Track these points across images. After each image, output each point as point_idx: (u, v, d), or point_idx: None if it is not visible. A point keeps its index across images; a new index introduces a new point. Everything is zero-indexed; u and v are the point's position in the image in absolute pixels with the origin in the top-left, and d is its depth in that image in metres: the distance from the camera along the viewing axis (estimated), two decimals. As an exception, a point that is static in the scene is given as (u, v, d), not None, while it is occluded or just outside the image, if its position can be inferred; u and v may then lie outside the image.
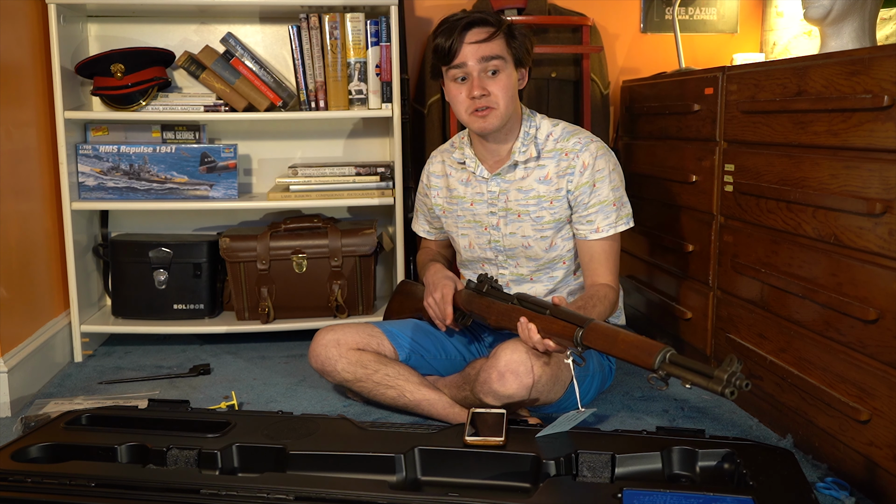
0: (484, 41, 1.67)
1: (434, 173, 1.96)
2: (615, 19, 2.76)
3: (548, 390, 1.62)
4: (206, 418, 1.60)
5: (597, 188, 1.74)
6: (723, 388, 1.20)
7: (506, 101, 1.70)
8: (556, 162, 1.77)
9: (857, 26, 1.79)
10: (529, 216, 1.80)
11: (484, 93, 1.68)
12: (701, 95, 2.01)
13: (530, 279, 1.86)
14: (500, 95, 1.69)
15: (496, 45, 1.68)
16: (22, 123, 2.12)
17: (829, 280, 1.52)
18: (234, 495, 1.29)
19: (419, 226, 2.09)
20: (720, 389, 1.20)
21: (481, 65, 1.68)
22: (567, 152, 1.76)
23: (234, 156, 2.41)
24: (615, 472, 1.37)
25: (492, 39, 1.67)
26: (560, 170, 1.77)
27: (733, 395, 1.20)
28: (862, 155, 1.43)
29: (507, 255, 1.86)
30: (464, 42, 1.67)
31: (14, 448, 1.46)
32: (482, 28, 1.68)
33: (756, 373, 1.80)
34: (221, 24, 2.52)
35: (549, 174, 1.78)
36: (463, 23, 1.67)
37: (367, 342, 1.83)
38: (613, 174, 1.77)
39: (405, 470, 1.43)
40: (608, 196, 1.75)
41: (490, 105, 1.69)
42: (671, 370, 1.30)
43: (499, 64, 1.68)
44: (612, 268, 1.79)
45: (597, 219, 1.75)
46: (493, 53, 1.67)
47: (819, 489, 1.46)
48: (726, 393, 1.20)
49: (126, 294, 2.42)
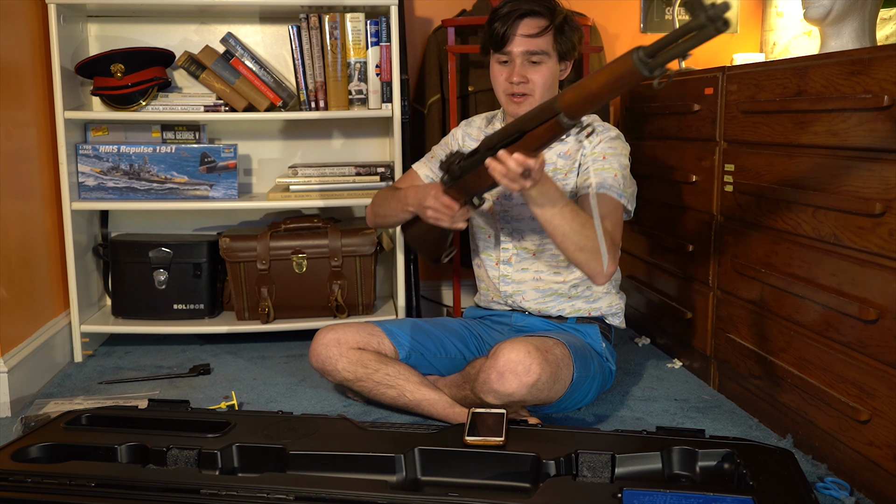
0: (534, 35, 1.71)
1: (470, 135, 1.97)
2: (615, 19, 2.76)
3: (548, 388, 1.62)
4: (206, 418, 1.60)
5: (606, 160, 1.75)
6: (708, 21, 1.08)
7: (542, 91, 1.74)
8: (577, 138, 1.80)
9: (857, 26, 1.79)
10: None
11: (523, 80, 1.73)
12: (701, 95, 2.01)
13: (533, 255, 1.87)
14: (539, 84, 1.73)
15: (544, 40, 1.72)
16: (22, 123, 2.12)
17: (829, 280, 1.52)
18: (234, 495, 1.29)
19: (422, 166, 1.97)
20: (706, 22, 1.08)
21: (525, 56, 1.72)
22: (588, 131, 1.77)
23: (234, 156, 2.41)
24: (615, 472, 1.37)
25: (542, 35, 1.71)
26: (579, 146, 1.80)
27: (725, 24, 1.07)
28: (862, 155, 1.43)
29: (513, 228, 1.87)
30: (516, 33, 1.71)
31: (14, 448, 1.46)
32: (535, 20, 1.71)
33: (756, 373, 1.80)
34: (221, 24, 2.52)
35: (569, 150, 1.82)
36: (519, 12, 1.71)
37: (368, 341, 1.84)
38: (624, 158, 1.78)
39: (405, 470, 1.43)
40: (613, 167, 1.74)
41: (526, 92, 1.74)
42: (657, 60, 1.18)
43: (542, 58, 1.72)
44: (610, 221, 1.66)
45: (592, 177, 1.73)
46: (538, 48, 1.71)
47: (819, 489, 1.46)
48: (718, 25, 1.07)
49: (126, 294, 2.42)
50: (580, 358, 1.72)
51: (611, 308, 1.91)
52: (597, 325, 1.88)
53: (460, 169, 1.57)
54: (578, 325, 1.87)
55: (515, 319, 1.92)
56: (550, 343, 1.67)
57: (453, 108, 2.48)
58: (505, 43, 1.72)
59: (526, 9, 1.71)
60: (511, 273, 1.89)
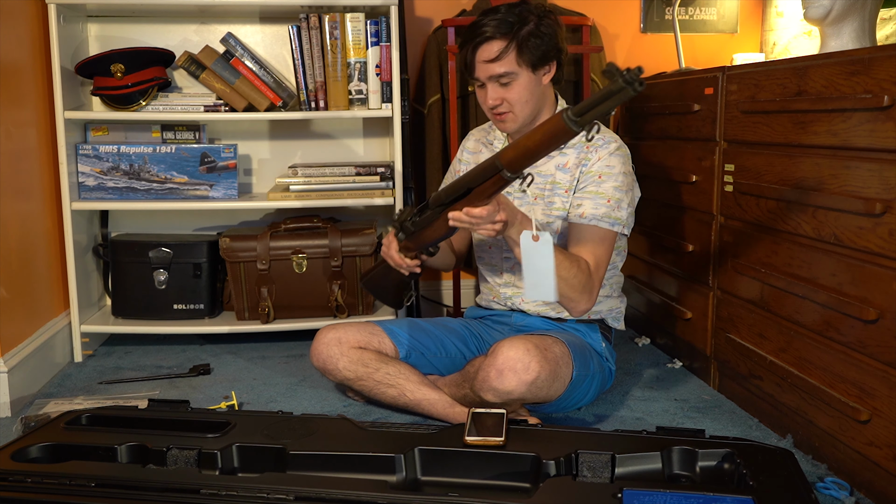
0: (493, 60, 1.70)
1: (468, 149, 2.01)
2: (615, 19, 2.76)
3: (547, 386, 1.63)
4: (206, 418, 1.60)
5: (601, 180, 1.74)
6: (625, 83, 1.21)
7: (520, 106, 1.74)
8: (578, 153, 1.79)
9: (857, 26, 1.79)
10: (543, 200, 1.81)
11: (497, 102, 1.73)
12: (701, 95, 2.01)
13: None
14: (514, 101, 1.73)
15: (506, 62, 1.70)
16: (22, 123, 2.12)
17: (829, 280, 1.52)
18: (234, 495, 1.29)
19: None
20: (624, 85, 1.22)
21: (493, 79, 1.72)
22: (589, 145, 1.77)
23: (234, 156, 2.41)
24: (615, 472, 1.37)
25: (502, 57, 1.69)
26: (579, 160, 1.79)
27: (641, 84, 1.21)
28: (862, 155, 1.43)
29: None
30: (476, 60, 1.72)
31: (14, 448, 1.46)
32: (492, 44, 1.69)
33: (756, 373, 1.80)
34: (221, 24, 2.52)
35: (568, 163, 1.80)
36: (475, 42, 1.71)
37: (369, 340, 1.84)
38: (623, 177, 1.75)
39: (405, 470, 1.43)
40: (608, 191, 1.74)
41: (504, 111, 1.75)
42: (584, 119, 1.31)
43: (510, 78, 1.71)
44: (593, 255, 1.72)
45: (585, 204, 1.73)
46: (501, 71, 1.70)
47: (819, 489, 1.46)
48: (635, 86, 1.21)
49: (126, 294, 2.42)
50: (580, 357, 1.72)
51: (611, 312, 1.91)
52: (597, 326, 1.88)
53: (413, 225, 1.66)
54: (578, 325, 1.87)
55: (516, 319, 1.92)
56: (550, 341, 1.67)
57: (453, 108, 2.48)
58: (472, 71, 1.74)
59: (481, 35, 1.70)
60: (514, 280, 1.89)
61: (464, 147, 2.03)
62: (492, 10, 1.72)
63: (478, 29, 1.71)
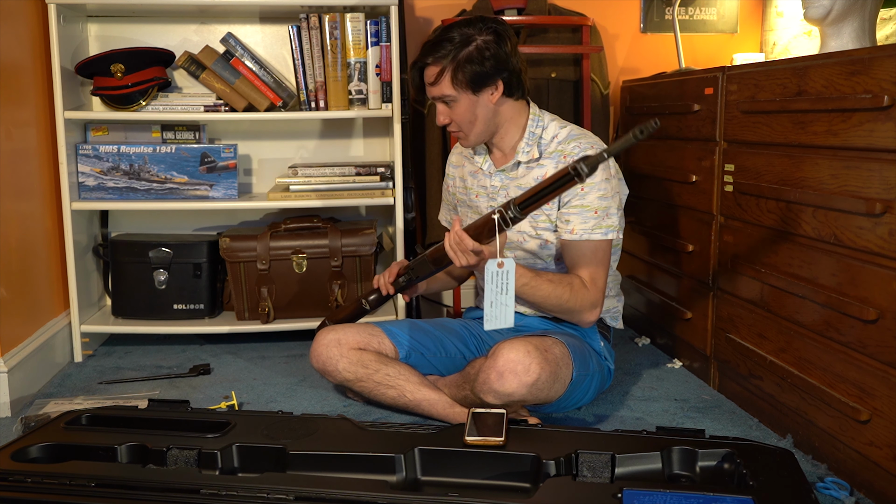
0: (432, 84, 1.74)
1: (452, 163, 2.03)
2: (615, 19, 2.76)
3: (548, 388, 1.63)
4: (206, 418, 1.60)
5: (584, 192, 1.73)
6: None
7: (467, 126, 1.77)
8: (556, 164, 1.77)
9: (857, 26, 1.79)
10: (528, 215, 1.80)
11: (446, 121, 1.78)
12: (701, 95, 2.01)
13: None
14: (460, 123, 1.77)
15: (443, 85, 1.73)
16: (22, 123, 2.12)
17: (829, 280, 1.52)
18: (234, 495, 1.29)
19: (443, 216, 2.12)
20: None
21: (439, 100, 1.77)
22: (566, 155, 1.76)
23: (234, 156, 2.41)
24: (615, 472, 1.37)
25: (438, 82, 1.73)
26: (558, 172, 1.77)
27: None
28: (862, 155, 1.43)
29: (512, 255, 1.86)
30: (422, 84, 1.79)
31: (14, 448, 1.46)
32: (431, 69, 1.74)
33: (756, 373, 1.80)
34: (221, 24, 2.52)
35: (546, 174, 1.78)
36: (417, 66, 1.77)
37: (368, 341, 1.84)
38: (606, 184, 1.73)
39: (405, 470, 1.43)
40: (593, 203, 1.72)
41: (454, 130, 1.80)
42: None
43: (451, 99, 1.74)
44: (588, 269, 1.74)
45: (573, 220, 1.73)
46: (440, 94, 1.74)
47: (819, 489, 1.46)
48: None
49: (126, 294, 2.42)
50: (579, 356, 1.72)
51: (609, 311, 1.91)
52: (595, 325, 1.87)
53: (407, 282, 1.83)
54: (578, 324, 1.87)
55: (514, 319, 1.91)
56: (549, 342, 1.67)
57: (453, 108, 2.48)
58: (422, 89, 1.81)
59: (421, 59, 1.75)
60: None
61: (449, 162, 2.05)
62: (445, 28, 1.75)
63: (422, 50, 1.76)
